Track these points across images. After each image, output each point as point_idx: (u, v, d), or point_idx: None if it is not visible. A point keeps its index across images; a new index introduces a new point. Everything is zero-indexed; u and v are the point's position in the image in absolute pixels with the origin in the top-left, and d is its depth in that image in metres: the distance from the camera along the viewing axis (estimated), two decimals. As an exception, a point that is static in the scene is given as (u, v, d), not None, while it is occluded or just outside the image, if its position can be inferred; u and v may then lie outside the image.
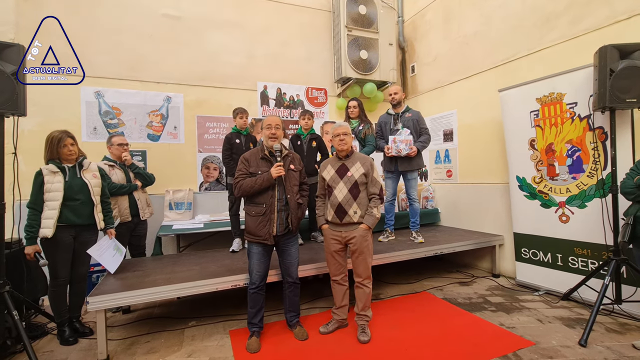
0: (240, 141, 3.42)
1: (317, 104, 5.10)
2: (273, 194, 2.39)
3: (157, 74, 4.19)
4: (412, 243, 3.67)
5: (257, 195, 2.39)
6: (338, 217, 2.50)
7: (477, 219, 4.33)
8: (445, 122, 4.83)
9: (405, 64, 5.64)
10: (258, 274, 2.45)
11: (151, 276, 2.71)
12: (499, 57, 3.95)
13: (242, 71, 4.61)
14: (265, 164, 2.43)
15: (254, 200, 2.42)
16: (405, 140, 3.52)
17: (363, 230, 2.48)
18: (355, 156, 2.58)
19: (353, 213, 2.47)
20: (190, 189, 4.25)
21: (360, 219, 2.48)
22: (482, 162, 4.22)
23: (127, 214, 3.21)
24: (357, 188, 2.48)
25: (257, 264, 2.44)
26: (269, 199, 2.38)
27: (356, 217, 2.48)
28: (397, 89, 3.68)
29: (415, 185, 3.71)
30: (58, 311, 2.66)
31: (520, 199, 3.53)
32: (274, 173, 2.34)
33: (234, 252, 3.42)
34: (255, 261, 2.44)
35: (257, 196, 2.39)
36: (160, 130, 4.21)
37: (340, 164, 2.57)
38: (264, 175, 2.36)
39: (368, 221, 2.47)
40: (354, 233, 2.48)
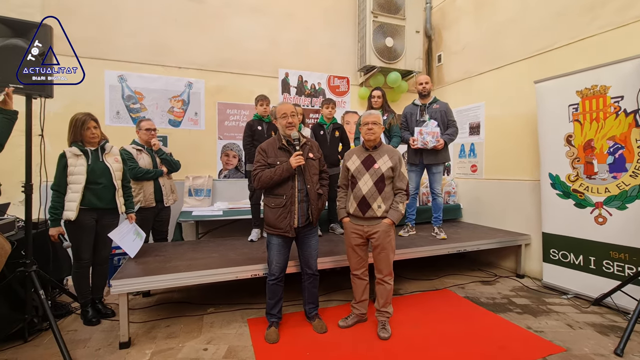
0: (262, 128, 3.36)
1: (339, 93, 4.98)
2: (293, 184, 2.32)
3: (179, 59, 4.16)
4: (434, 239, 3.56)
5: (276, 187, 2.33)
6: (361, 210, 2.42)
7: (501, 216, 4.17)
8: (472, 115, 4.63)
9: (431, 53, 5.41)
10: (278, 265, 2.40)
11: (172, 262, 2.71)
12: (536, 46, 3.71)
13: (264, 57, 4.53)
14: (284, 154, 2.36)
15: (273, 192, 2.35)
16: (432, 132, 3.38)
17: (386, 225, 2.39)
18: (384, 148, 2.48)
19: (377, 207, 2.39)
20: (209, 175, 4.25)
21: (384, 214, 2.40)
22: (511, 157, 4.03)
23: (151, 199, 3.23)
24: (382, 182, 2.39)
25: (277, 255, 2.39)
26: (289, 190, 2.32)
27: (380, 212, 2.39)
28: (426, 78, 3.53)
29: (440, 179, 3.58)
30: (81, 292, 2.71)
31: (551, 197, 3.35)
32: (294, 163, 2.27)
33: (253, 241, 3.40)
34: (274, 253, 2.40)
35: (277, 187, 2.33)
36: (181, 116, 4.20)
37: (366, 155, 2.47)
38: (282, 166, 2.29)
39: (393, 216, 2.38)
40: (376, 228, 2.40)
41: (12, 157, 2.84)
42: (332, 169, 3.63)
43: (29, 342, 2.40)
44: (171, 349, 2.32)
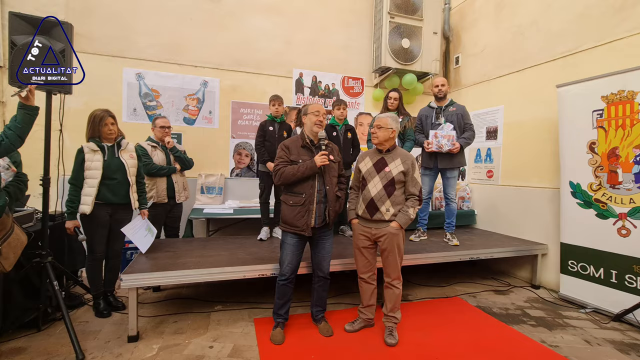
0: (273, 128, 3.36)
1: (353, 94, 4.94)
2: (313, 184, 2.33)
3: (195, 58, 4.22)
4: (446, 245, 3.49)
5: (296, 185, 2.33)
6: (369, 212, 2.39)
7: (517, 224, 4.04)
8: (490, 119, 4.51)
9: (448, 55, 5.31)
10: (290, 266, 2.39)
11: (182, 258, 2.74)
12: (559, 49, 3.58)
13: (279, 57, 4.54)
14: (306, 153, 2.37)
15: (292, 190, 2.35)
16: (448, 135, 3.31)
17: (394, 228, 2.35)
18: (397, 152, 2.45)
19: (385, 210, 2.36)
20: (222, 174, 4.29)
21: (392, 217, 2.37)
22: (530, 164, 3.90)
23: (164, 195, 3.28)
24: (392, 185, 2.36)
25: (291, 255, 2.39)
26: (308, 189, 2.32)
27: (388, 215, 2.36)
28: (443, 80, 3.46)
29: (454, 184, 3.50)
30: (94, 284, 2.77)
31: (572, 206, 3.22)
32: (319, 161, 2.27)
33: (262, 240, 3.41)
34: (288, 252, 2.39)
35: (297, 185, 2.33)
36: (195, 114, 4.26)
37: (379, 158, 2.44)
38: (307, 164, 2.29)
39: (401, 219, 2.34)
40: (384, 231, 2.37)
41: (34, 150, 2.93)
42: (345, 171, 3.59)
43: (42, 331, 2.47)
44: (178, 344, 2.35)
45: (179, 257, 2.80)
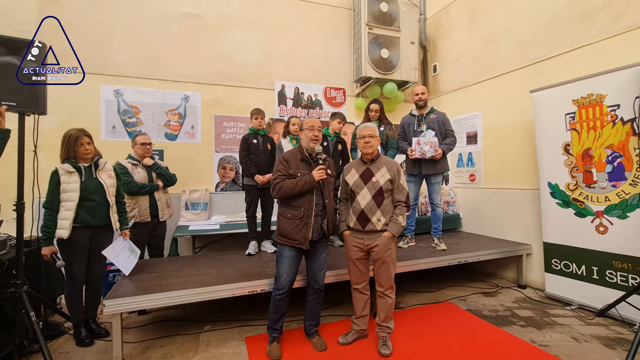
0: (257, 141, 3.35)
1: (336, 104, 4.99)
2: (312, 198, 2.35)
3: (175, 73, 4.17)
4: (434, 250, 3.52)
5: (295, 198, 2.34)
6: (360, 224, 2.39)
7: (501, 226, 4.14)
8: (469, 124, 4.64)
9: (426, 63, 5.45)
10: (288, 278, 2.37)
11: (167, 279, 2.66)
12: (530, 55, 3.74)
13: (260, 70, 4.55)
14: (305, 167, 2.38)
15: (291, 203, 2.36)
16: (430, 142, 3.37)
17: (386, 238, 2.36)
18: (381, 160, 2.47)
19: (376, 220, 2.36)
20: (206, 189, 4.23)
21: (384, 227, 2.37)
22: (509, 166, 4.02)
23: (146, 214, 3.20)
24: (381, 195, 2.37)
25: (288, 268, 2.37)
26: (307, 203, 2.33)
27: (379, 225, 2.37)
28: (423, 89, 3.54)
29: (438, 189, 3.56)
30: (74, 311, 2.64)
31: (551, 206, 3.33)
32: (317, 176, 2.29)
33: (250, 255, 3.35)
34: (286, 265, 2.37)
35: (296, 199, 2.34)
36: (177, 130, 4.20)
37: (364, 168, 2.46)
38: (305, 178, 2.31)
39: (393, 229, 2.35)
40: (377, 241, 2.37)
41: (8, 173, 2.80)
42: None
43: (18, 366, 2.32)
44: (166, 370, 2.25)
45: (165, 277, 2.71)
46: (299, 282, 2.63)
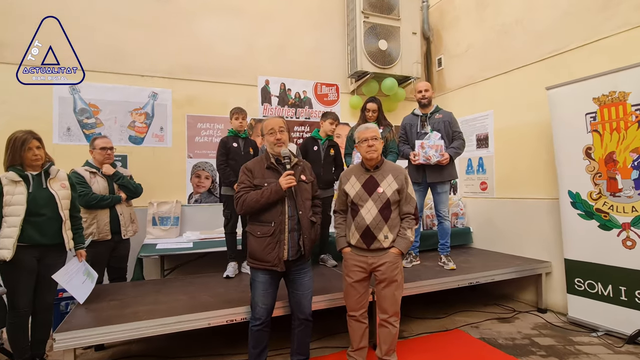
0: (238, 145, 3.34)
1: (327, 102, 5.02)
2: (283, 209, 2.29)
3: (142, 66, 4.15)
4: (442, 270, 3.53)
5: (263, 212, 2.30)
6: (365, 242, 2.39)
7: (517, 241, 4.18)
8: (479, 125, 4.70)
9: (430, 57, 5.54)
10: (264, 307, 2.33)
11: (131, 307, 2.61)
12: (546, 48, 3.83)
13: (241, 64, 4.56)
14: (272, 175, 2.34)
15: (259, 219, 2.31)
16: (436, 145, 3.41)
17: (394, 255, 2.36)
18: (386, 167, 2.46)
19: (383, 238, 2.36)
20: (177, 200, 4.18)
21: (392, 244, 2.37)
22: (525, 173, 4.08)
23: (106, 230, 3.16)
24: (388, 208, 2.37)
25: (263, 295, 2.32)
26: (277, 217, 2.28)
27: (387, 243, 2.37)
28: (426, 85, 3.58)
29: (446, 199, 3.58)
30: (18, 348, 2.56)
31: (573, 218, 3.37)
32: (284, 183, 2.24)
33: (229, 277, 3.31)
34: (260, 292, 2.32)
35: (264, 213, 2.30)
36: (144, 132, 4.16)
37: (367, 177, 2.45)
38: (271, 187, 2.26)
39: (400, 245, 2.36)
40: (383, 259, 2.37)
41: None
42: (326, 190, 3.61)
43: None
44: (127, 418, 2.17)
45: (127, 305, 2.65)
46: (281, 309, 2.60)
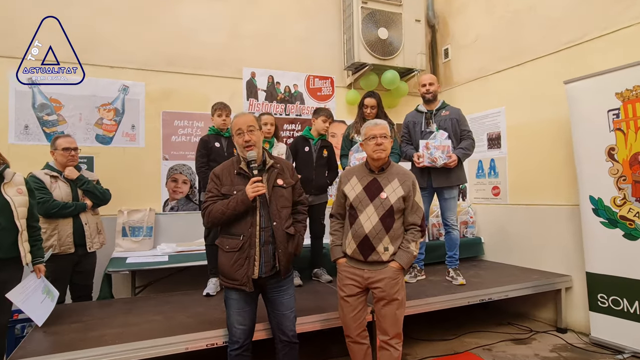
0: (220, 145, 3.36)
1: (321, 98, 5.06)
2: (253, 220, 2.27)
3: (111, 56, 4.15)
4: (450, 285, 3.57)
5: (232, 224, 2.29)
6: (362, 253, 2.39)
7: (534, 252, 4.23)
8: (491, 123, 4.78)
9: (436, 47, 5.63)
10: (240, 328, 2.32)
11: (96, 330, 2.59)
12: (563, 38, 3.91)
13: (223, 53, 4.59)
14: (243, 181, 2.32)
15: (229, 231, 2.32)
16: (442, 146, 3.45)
17: (394, 270, 2.37)
18: (393, 170, 2.48)
19: (383, 250, 2.37)
20: (151, 208, 4.18)
21: (392, 257, 2.39)
22: (542, 176, 4.14)
23: (69, 242, 3.15)
24: (391, 216, 2.38)
25: (239, 314, 2.32)
26: (247, 229, 2.26)
27: (386, 255, 2.38)
28: (431, 78, 3.64)
29: (454, 206, 3.62)
30: (-35, 378, 2.52)
31: (594, 227, 3.42)
32: (250, 192, 2.21)
33: (210, 295, 3.31)
34: (234, 311, 2.32)
35: (233, 225, 2.29)
36: (113, 130, 4.16)
37: (371, 179, 2.47)
38: (237, 197, 2.24)
39: (402, 259, 2.37)
40: (381, 274, 2.37)
41: None
42: (319, 196, 3.63)
43: None
44: None
45: (93, 328, 2.64)
46: (264, 332, 2.61)
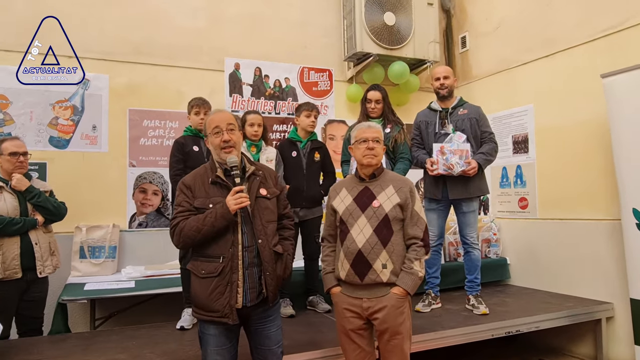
0: (200, 149, 3.35)
1: (317, 94, 5.07)
2: (234, 239, 2.24)
3: (67, 44, 4.11)
4: (470, 315, 3.55)
5: (209, 244, 2.25)
6: (357, 273, 2.38)
7: (568, 276, 4.23)
8: (516, 124, 4.80)
9: (451, 34, 5.67)
10: None
11: (47, 371, 2.56)
12: (600, 25, 3.95)
13: (202, 41, 4.61)
14: (220, 192, 2.29)
15: (204, 252, 2.27)
16: (459, 150, 3.45)
17: (397, 298, 2.35)
18: (387, 177, 2.50)
19: (381, 267, 2.36)
20: (115, 224, 4.15)
21: (394, 278, 2.37)
22: (577, 185, 4.16)
23: (15, 266, 3.11)
24: (388, 227, 2.38)
25: (217, 353, 2.27)
26: (227, 249, 2.22)
27: (385, 275, 2.36)
28: (446, 70, 3.65)
29: (474, 221, 3.62)
30: None
31: (639, 244, 3.43)
32: (232, 204, 2.18)
33: (184, 329, 3.29)
34: (212, 350, 2.27)
35: (210, 245, 2.24)
36: (70, 132, 4.15)
37: (361, 188, 2.48)
38: (215, 210, 2.20)
39: (405, 282, 2.35)
40: (382, 302, 2.36)
41: None
42: (312, 210, 3.62)
43: None
44: None
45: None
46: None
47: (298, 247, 3.63)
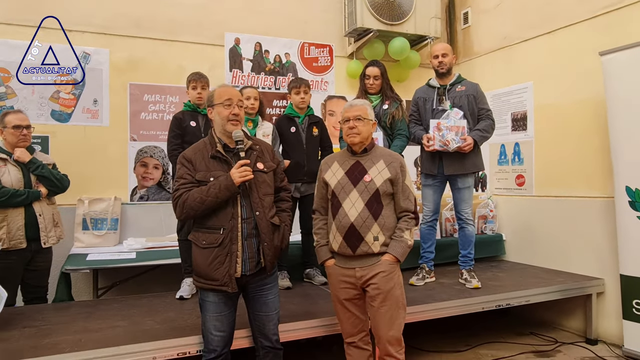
0: (197, 124, 3.35)
1: (318, 69, 5.04)
2: (234, 211, 2.30)
3: (69, 17, 4.11)
4: (463, 288, 3.60)
5: (210, 216, 2.31)
6: (349, 245, 2.42)
7: (562, 252, 4.27)
8: (515, 101, 4.78)
9: (453, 10, 5.60)
10: (218, 335, 2.36)
11: (51, 336, 2.62)
12: (600, 1, 3.89)
13: (202, 16, 4.57)
14: (220, 166, 2.34)
15: (205, 224, 2.33)
16: (456, 126, 3.45)
17: (388, 263, 2.40)
18: (377, 152, 2.53)
19: (372, 239, 2.40)
20: (116, 197, 4.20)
21: (384, 249, 2.42)
22: (574, 163, 4.16)
23: (20, 236, 3.16)
24: (379, 201, 2.42)
25: (216, 319, 2.35)
26: (227, 220, 2.29)
27: (377, 246, 2.41)
28: (444, 48, 3.63)
29: (469, 197, 3.64)
30: None
31: (631, 222, 3.44)
32: (237, 177, 2.22)
33: (183, 299, 3.34)
34: (211, 316, 2.35)
35: (211, 217, 2.30)
36: (71, 106, 4.16)
37: (353, 162, 2.51)
38: (219, 182, 2.25)
39: (396, 250, 2.40)
40: (375, 269, 2.40)
41: None
42: (312, 184, 3.62)
43: None
44: None
45: (47, 334, 2.67)
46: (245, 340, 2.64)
47: (296, 221, 3.69)
